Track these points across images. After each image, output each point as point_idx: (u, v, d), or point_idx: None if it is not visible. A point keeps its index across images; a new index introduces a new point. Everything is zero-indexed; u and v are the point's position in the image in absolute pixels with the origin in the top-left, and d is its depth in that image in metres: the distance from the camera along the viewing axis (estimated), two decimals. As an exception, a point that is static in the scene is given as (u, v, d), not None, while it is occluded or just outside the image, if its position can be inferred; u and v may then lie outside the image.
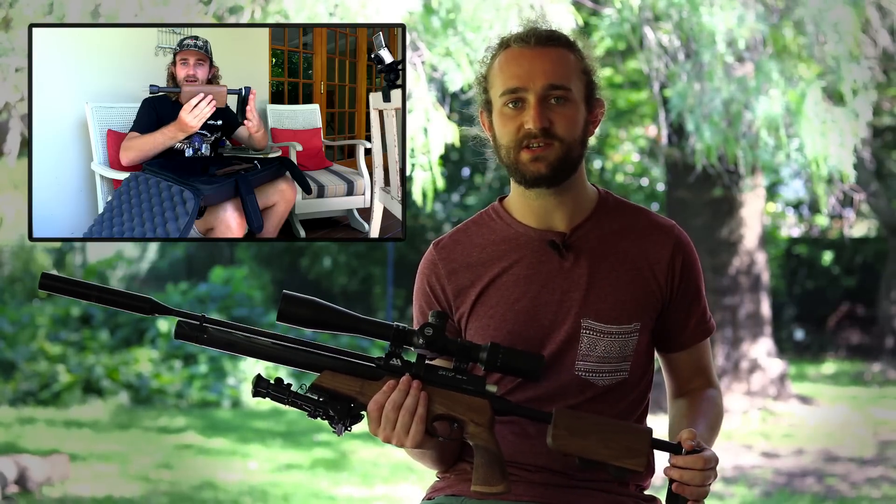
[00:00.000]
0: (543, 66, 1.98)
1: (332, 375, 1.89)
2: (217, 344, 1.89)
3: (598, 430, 1.89)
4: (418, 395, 1.87)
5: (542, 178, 2.00)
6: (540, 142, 1.97)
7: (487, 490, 1.89)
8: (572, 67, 2.00)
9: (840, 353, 14.23)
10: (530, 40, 2.00)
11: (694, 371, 2.15)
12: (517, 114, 1.99)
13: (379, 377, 1.90)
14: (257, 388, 1.87)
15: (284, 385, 1.88)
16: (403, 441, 1.87)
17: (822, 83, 5.93)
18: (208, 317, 1.88)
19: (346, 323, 1.89)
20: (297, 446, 8.06)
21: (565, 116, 1.98)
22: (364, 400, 1.88)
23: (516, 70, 1.99)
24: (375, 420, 1.88)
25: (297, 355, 1.90)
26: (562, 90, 1.98)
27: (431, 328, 1.88)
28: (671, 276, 2.07)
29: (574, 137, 2.00)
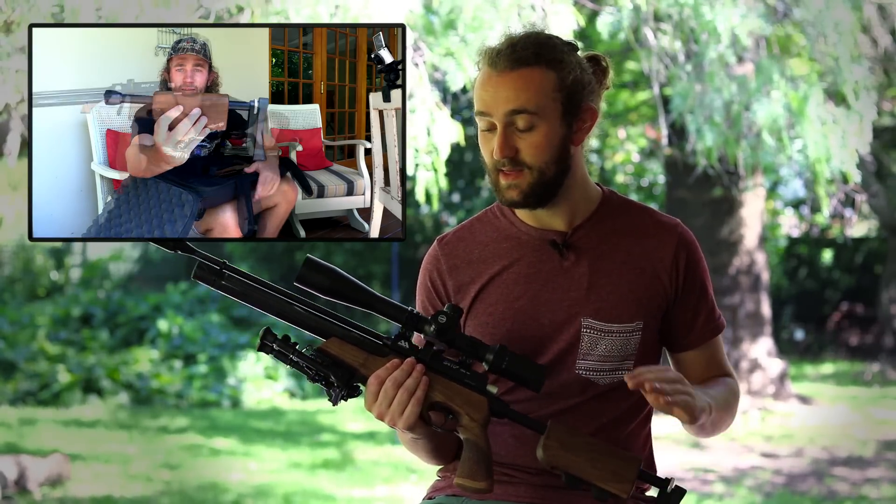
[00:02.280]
0: (507, 93, 1.95)
1: (340, 343, 1.90)
2: (232, 292, 1.89)
3: (590, 450, 1.89)
4: (420, 377, 1.88)
5: (516, 203, 2.00)
6: (509, 169, 1.97)
7: (470, 484, 1.89)
8: (542, 88, 1.96)
9: (840, 353, 14.22)
10: (498, 63, 1.96)
11: (706, 369, 2.12)
12: (490, 137, 1.99)
13: (385, 354, 1.90)
14: (264, 340, 1.87)
15: (291, 343, 1.88)
16: (397, 420, 1.87)
17: (824, 84, 5.93)
18: (229, 264, 1.90)
19: (362, 298, 1.90)
20: (297, 446, 8.06)
21: (531, 143, 1.96)
22: (366, 373, 1.89)
23: (482, 94, 1.98)
24: (373, 394, 1.88)
25: (309, 318, 1.90)
26: (525, 115, 1.95)
27: (445, 317, 1.88)
28: (675, 275, 2.06)
29: (544, 161, 1.97)
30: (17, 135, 5.22)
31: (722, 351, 2.15)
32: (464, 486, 1.90)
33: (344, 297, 1.90)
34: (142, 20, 4.14)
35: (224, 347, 10.82)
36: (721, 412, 2.03)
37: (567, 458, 1.88)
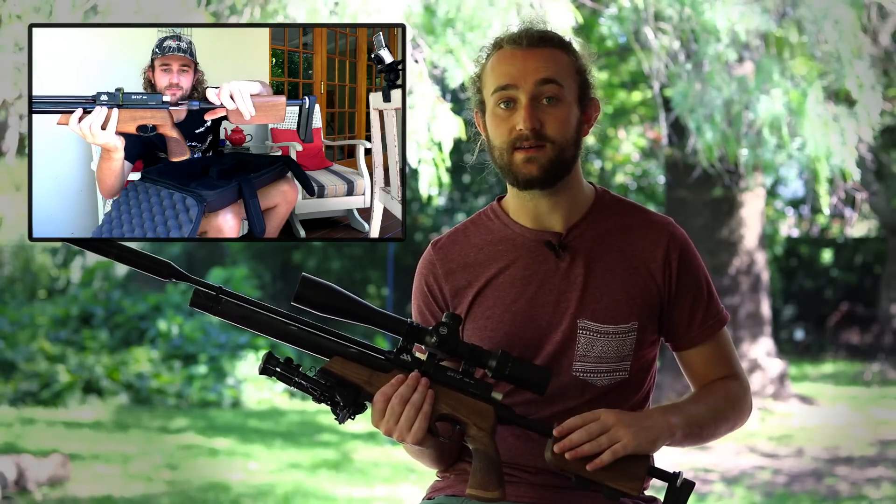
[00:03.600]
0: (535, 65, 1.98)
1: (342, 362, 1.89)
2: (230, 316, 1.88)
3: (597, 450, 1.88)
4: (426, 391, 1.87)
5: (534, 180, 1.99)
6: (532, 143, 1.97)
7: (483, 495, 1.88)
8: (565, 67, 2.00)
9: (840, 353, 14.23)
10: (522, 41, 2.00)
11: (710, 366, 2.11)
12: (509, 115, 1.98)
13: (388, 370, 1.90)
14: (266, 364, 1.86)
15: (294, 365, 1.87)
16: (405, 436, 1.87)
17: (823, 82, 5.93)
18: (225, 289, 1.88)
19: (360, 313, 1.89)
20: (297, 446, 8.06)
21: (556, 117, 1.98)
22: (371, 390, 1.88)
23: (508, 69, 1.99)
24: (380, 412, 1.87)
25: (310, 337, 1.89)
26: (554, 85, 1.97)
27: (446, 328, 1.88)
28: (668, 274, 2.06)
29: (566, 138, 1.99)
30: (15, 132, 5.21)
31: (728, 347, 2.13)
32: (477, 498, 1.89)
33: (342, 313, 1.89)
34: (139, 18, 4.14)
35: (224, 347, 10.82)
36: (710, 422, 2.03)
37: (575, 460, 1.88)
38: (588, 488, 1.89)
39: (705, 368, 2.11)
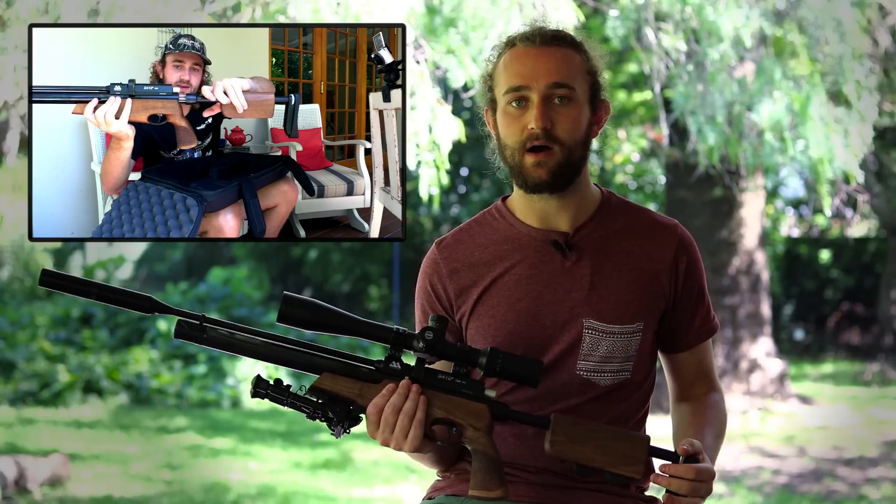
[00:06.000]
0: (548, 65, 1.98)
1: (332, 377, 1.88)
2: (216, 344, 1.88)
3: (596, 437, 1.89)
4: (417, 398, 1.87)
5: (543, 184, 1.99)
6: (542, 142, 1.97)
7: (485, 495, 1.88)
8: (577, 67, 2.00)
9: (840, 353, 14.22)
10: (535, 39, 2.00)
11: (697, 372, 2.14)
12: (521, 114, 1.98)
13: (378, 380, 1.89)
14: (257, 388, 1.86)
15: (284, 386, 1.87)
16: (402, 445, 1.87)
17: (826, 84, 5.92)
18: (208, 316, 1.88)
19: (346, 325, 1.89)
20: (297, 446, 8.06)
21: (568, 118, 1.97)
22: (363, 403, 1.88)
23: (520, 68, 1.99)
24: (374, 423, 1.87)
25: (297, 356, 1.89)
26: (565, 89, 1.97)
27: (432, 332, 1.87)
28: (675, 277, 2.06)
29: (575, 140, 1.99)
30: (16, 133, 5.21)
31: (711, 355, 2.17)
32: (480, 498, 1.89)
33: (327, 328, 1.88)
34: (140, 18, 4.14)
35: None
36: (718, 448, 2.08)
37: (575, 448, 1.88)
38: (590, 475, 1.89)
39: (691, 374, 2.14)
